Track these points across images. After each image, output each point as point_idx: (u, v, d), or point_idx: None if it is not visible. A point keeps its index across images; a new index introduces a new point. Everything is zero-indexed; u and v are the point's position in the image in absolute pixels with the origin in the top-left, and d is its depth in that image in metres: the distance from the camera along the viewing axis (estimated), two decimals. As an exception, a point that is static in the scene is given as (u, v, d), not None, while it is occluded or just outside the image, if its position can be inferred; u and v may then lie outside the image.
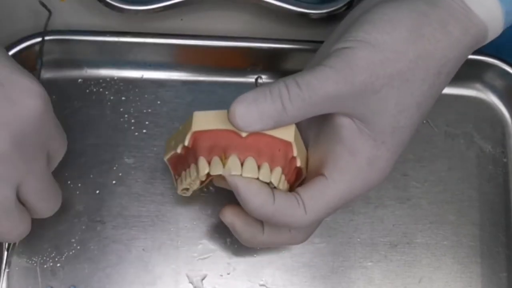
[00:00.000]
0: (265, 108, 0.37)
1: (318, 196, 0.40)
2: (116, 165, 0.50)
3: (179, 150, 0.42)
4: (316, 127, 0.42)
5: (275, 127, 0.38)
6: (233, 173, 0.39)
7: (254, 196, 0.39)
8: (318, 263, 0.49)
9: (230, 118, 0.38)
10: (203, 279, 0.49)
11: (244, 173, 0.39)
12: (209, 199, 0.50)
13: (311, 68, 0.38)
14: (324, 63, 0.38)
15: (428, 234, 0.51)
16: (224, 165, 0.39)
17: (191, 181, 0.42)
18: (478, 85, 0.55)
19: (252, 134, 0.39)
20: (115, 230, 0.49)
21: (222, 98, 0.52)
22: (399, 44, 0.39)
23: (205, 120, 0.40)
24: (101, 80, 0.52)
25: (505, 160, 0.53)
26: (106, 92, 0.52)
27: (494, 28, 0.41)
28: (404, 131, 0.40)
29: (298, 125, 0.41)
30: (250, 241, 0.44)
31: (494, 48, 0.51)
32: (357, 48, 0.38)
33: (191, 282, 0.49)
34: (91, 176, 0.50)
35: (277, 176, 0.40)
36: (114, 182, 0.50)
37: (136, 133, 0.51)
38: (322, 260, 0.50)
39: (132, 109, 0.51)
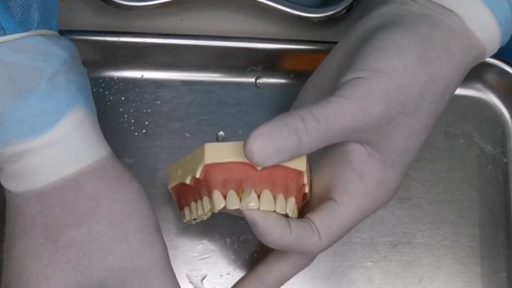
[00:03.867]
0: (282, 143, 0.37)
1: (330, 221, 0.40)
2: (116, 165, 0.50)
3: (188, 181, 0.41)
4: (320, 150, 0.41)
5: (290, 159, 0.38)
6: (250, 207, 0.39)
7: (272, 229, 0.39)
8: (318, 263, 0.49)
9: (246, 154, 0.37)
10: (203, 279, 0.49)
11: (261, 207, 0.39)
12: (209, 199, 0.50)
13: (325, 99, 0.38)
14: (338, 94, 0.38)
15: (428, 234, 0.51)
16: (240, 198, 0.39)
17: (203, 213, 0.41)
18: (478, 85, 0.55)
19: (266, 166, 0.39)
20: (115, 230, 0.49)
21: (222, 98, 0.52)
22: (410, 70, 0.39)
23: (217, 153, 0.39)
24: (101, 80, 0.52)
25: (505, 160, 0.53)
26: (106, 92, 0.52)
27: (491, 47, 0.42)
28: (412, 152, 0.41)
29: None
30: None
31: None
32: (372, 78, 0.38)
33: (191, 282, 0.48)
34: (91, 176, 0.50)
35: (291, 207, 0.40)
36: (114, 182, 0.50)
37: (136, 133, 0.51)
38: (322, 260, 0.49)
39: (132, 109, 0.51)
